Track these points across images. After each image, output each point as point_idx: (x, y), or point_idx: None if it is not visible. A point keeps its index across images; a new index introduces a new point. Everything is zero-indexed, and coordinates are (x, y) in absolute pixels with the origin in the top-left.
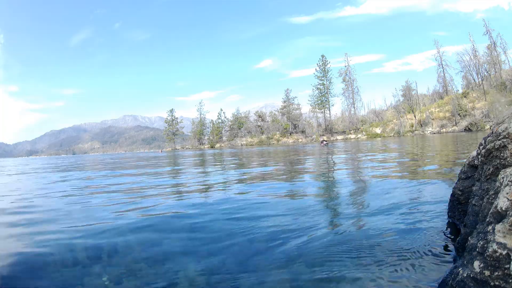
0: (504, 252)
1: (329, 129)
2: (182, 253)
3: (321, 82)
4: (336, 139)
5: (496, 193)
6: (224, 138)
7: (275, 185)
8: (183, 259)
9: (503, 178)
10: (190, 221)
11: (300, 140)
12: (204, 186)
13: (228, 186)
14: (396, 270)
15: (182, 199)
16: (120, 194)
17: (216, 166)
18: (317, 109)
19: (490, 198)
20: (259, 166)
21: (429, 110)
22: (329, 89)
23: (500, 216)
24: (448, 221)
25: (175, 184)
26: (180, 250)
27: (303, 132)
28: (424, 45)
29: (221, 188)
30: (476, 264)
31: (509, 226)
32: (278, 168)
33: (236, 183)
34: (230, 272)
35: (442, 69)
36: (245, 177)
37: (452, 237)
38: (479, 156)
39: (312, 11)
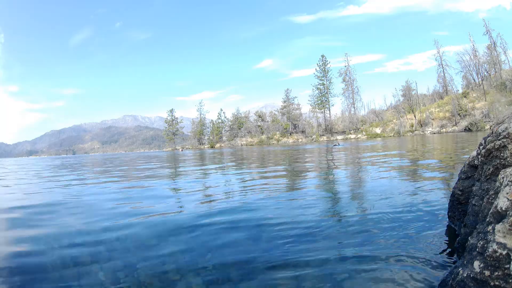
0: (504, 252)
1: (329, 129)
2: None
3: (321, 82)
4: (336, 139)
5: (496, 193)
6: (224, 138)
7: None
8: None
9: (503, 178)
10: None
11: (300, 140)
12: None
13: None
14: (396, 270)
15: None
16: None
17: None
18: (317, 109)
19: (490, 198)
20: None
21: (429, 110)
22: (329, 89)
23: (500, 216)
24: (448, 221)
25: None
26: None
27: (303, 132)
28: (425, 45)
29: None
30: (476, 264)
31: (509, 226)
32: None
33: None
34: None
35: (442, 69)
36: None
37: (452, 237)
38: (479, 156)
39: (314, 10)
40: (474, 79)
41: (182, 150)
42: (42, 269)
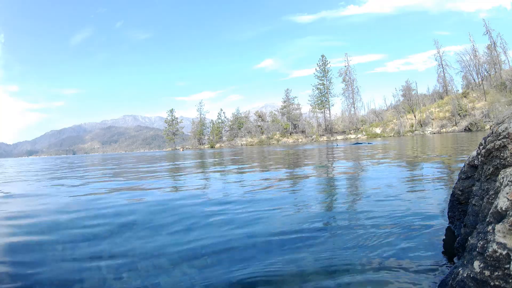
0: (504, 252)
1: (329, 129)
2: None
3: (321, 82)
4: (336, 139)
5: (496, 193)
6: (224, 138)
7: None
8: None
9: (503, 178)
10: None
11: (300, 140)
12: None
13: None
14: (395, 270)
15: None
16: None
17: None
18: (317, 109)
19: (490, 198)
20: None
21: (429, 110)
22: (329, 89)
23: (500, 216)
24: (448, 221)
25: None
26: None
27: (303, 132)
28: (426, 44)
29: None
30: (476, 264)
31: (509, 226)
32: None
33: None
34: None
35: (442, 69)
36: None
37: (452, 237)
38: (479, 156)
39: (315, 10)
40: (474, 79)
41: (182, 150)
42: None
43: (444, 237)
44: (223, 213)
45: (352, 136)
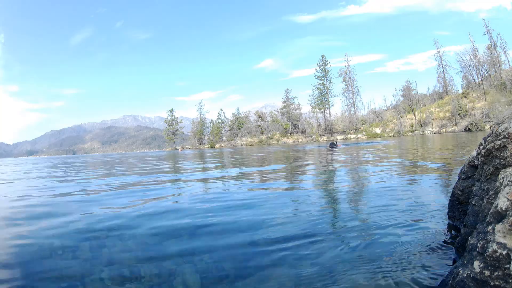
0: (504, 252)
1: (329, 129)
2: None
3: (321, 82)
4: (336, 139)
5: (496, 193)
6: (224, 138)
7: None
8: None
9: (503, 178)
10: None
11: (300, 140)
12: None
13: None
14: (396, 270)
15: None
16: None
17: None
18: (317, 109)
19: (490, 198)
20: None
21: (429, 110)
22: (329, 89)
23: (500, 216)
24: (448, 221)
25: None
26: None
27: (303, 132)
28: (426, 44)
29: None
30: (476, 264)
31: (509, 226)
32: None
33: None
34: None
35: (442, 69)
36: None
37: (452, 237)
38: (479, 156)
39: (315, 10)
40: (474, 79)
41: (181, 150)
42: None
43: (444, 237)
44: None
45: (352, 136)
